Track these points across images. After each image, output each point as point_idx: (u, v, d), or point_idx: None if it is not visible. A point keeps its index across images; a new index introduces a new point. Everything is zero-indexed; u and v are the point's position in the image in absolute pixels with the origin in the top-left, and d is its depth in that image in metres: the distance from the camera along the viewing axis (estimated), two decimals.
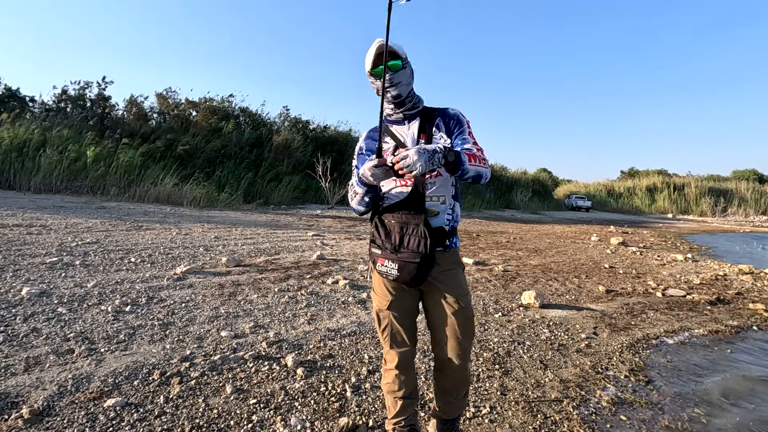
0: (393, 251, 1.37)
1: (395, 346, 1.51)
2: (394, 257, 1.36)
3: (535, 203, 24.56)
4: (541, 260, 6.54)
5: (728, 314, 4.02)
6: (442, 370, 1.53)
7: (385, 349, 1.55)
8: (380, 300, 1.50)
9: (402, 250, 1.36)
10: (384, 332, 1.51)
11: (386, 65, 1.33)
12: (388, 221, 1.43)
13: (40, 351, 2.22)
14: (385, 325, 1.50)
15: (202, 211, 9.62)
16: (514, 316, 3.50)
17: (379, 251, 1.41)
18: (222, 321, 2.89)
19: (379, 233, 1.43)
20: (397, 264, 1.35)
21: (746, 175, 39.64)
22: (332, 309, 3.35)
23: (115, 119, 14.28)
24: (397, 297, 1.48)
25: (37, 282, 3.33)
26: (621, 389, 2.35)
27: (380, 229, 1.43)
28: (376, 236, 1.44)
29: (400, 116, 1.48)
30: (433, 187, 1.42)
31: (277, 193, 13.86)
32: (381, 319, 1.51)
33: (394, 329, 1.50)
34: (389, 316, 1.49)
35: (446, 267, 1.44)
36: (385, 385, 1.56)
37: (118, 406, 1.79)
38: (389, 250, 1.38)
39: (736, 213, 31.04)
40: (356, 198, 1.48)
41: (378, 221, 1.46)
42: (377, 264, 1.41)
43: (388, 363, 1.55)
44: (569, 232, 11.86)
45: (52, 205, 7.69)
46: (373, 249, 1.45)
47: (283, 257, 5.20)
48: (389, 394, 1.56)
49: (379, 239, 1.43)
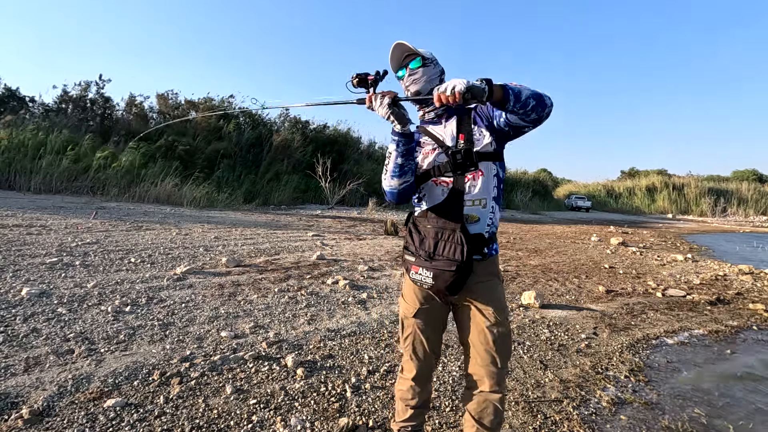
0: (427, 258, 1.29)
1: (415, 358, 1.44)
2: (428, 265, 1.28)
3: (535, 203, 24.55)
4: (541, 260, 6.54)
5: (728, 314, 4.02)
6: (472, 392, 1.37)
7: (404, 357, 1.48)
8: (407, 307, 1.43)
9: (437, 258, 1.27)
10: (406, 341, 1.45)
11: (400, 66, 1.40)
12: (423, 226, 1.35)
13: (40, 351, 2.22)
14: (409, 333, 1.44)
15: (202, 212, 9.62)
16: (514, 317, 3.50)
17: (413, 258, 1.33)
18: (222, 321, 2.89)
19: (413, 239, 1.35)
20: (431, 272, 1.27)
21: (746, 175, 39.63)
22: (332, 309, 3.35)
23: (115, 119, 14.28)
24: (426, 307, 1.40)
25: (37, 282, 3.33)
26: (621, 389, 2.35)
27: (414, 234, 1.36)
28: (410, 242, 1.37)
29: (432, 115, 1.41)
30: (474, 190, 1.30)
31: (277, 194, 13.86)
32: (405, 326, 1.45)
33: (416, 339, 1.43)
34: (414, 324, 1.42)
35: (483, 277, 1.33)
36: (399, 391, 1.51)
37: (118, 406, 1.79)
38: (423, 257, 1.30)
39: (736, 213, 31.04)
40: (391, 159, 1.34)
41: (412, 226, 1.38)
42: (411, 272, 1.33)
43: (405, 372, 1.48)
44: (569, 233, 11.86)
45: (52, 206, 7.69)
46: (406, 256, 1.37)
47: (283, 257, 5.20)
48: (401, 400, 1.50)
49: (413, 245, 1.35)
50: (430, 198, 1.37)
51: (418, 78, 1.37)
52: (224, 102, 16.76)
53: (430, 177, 1.36)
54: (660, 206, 33.05)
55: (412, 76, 1.38)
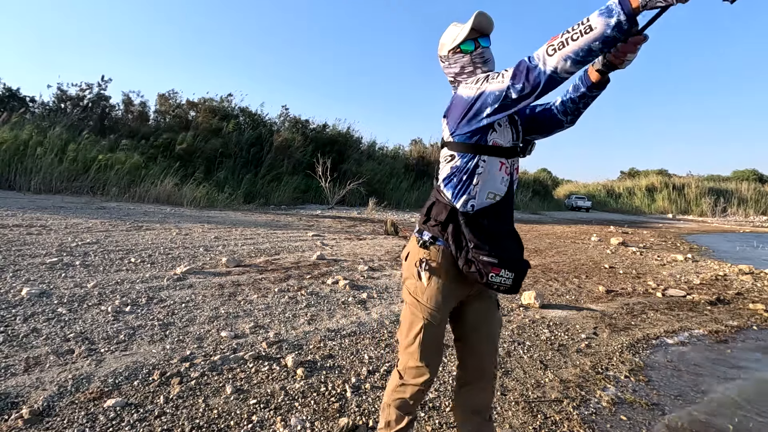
0: (508, 259, 1.23)
1: (431, 363, 1.32)
2: (510, 266, 1.22)
3: (535, 203, 24.55)
4: (541, 260, 6.54)
5: (728, 314, 4.02)
6: (479, 384, 1.39)
7: (412, 363, 1.33)
8: (433, 313, 1.30)
9: (514, 258, 1.25)
10: (424, 347, 1.32)
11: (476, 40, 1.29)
12: (487, 224, 1.26)
13: (40, 351, 2.22)
14: (430, 340, 1.32)
15: (202, 212, 9.62)
16: (514, 317, 3.50)
17: (495, 260, 1.21)
18: (222, 321, 2.89)
19: (482, 240, 1.23)
20: (513, 274, 1.21)
21: (746, 175, 39.63)
22: (332, 309, 3.35)
23: (114, 119, 14.28)
24: (448, 310, 1.34)
25: (37, 282, 3.33)
26: (621, 389, 2.35)
27: (481, 234, 1.24)
28: (480, 244, 1.23)
29: None
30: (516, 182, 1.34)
31: (277, 193, 13.86)
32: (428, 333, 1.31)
33: (436, 345, 1.34)
34: (437, 332, 1.32)
35: None
36: (398, 400, 1.37)
37: (118, 406, 1.79)
38: (504, 258, 1.22)
39: (736, 213, 31.05)
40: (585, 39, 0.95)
41: (474, 225, 1.25)
42: (491, 275, 1.21)
43: (409, 377, 1.35)
44: (569, 233, 11.86)
45: (52, 206, 7.69)
46: (483, 258, 1.21)
47: (283, 257, 5.20)
48: (398, 409, 1.37)
49: (485, 246, 1.22)
50: (491, 185, 1.26)
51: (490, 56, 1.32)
52: (224, 101, 16.77)
53: (499, 156, 1.25)
54: (660, 206, 33.06)
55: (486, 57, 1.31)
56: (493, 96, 1.14)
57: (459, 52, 1.32)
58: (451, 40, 1.33)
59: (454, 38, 1.32)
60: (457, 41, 1.30)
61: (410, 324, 1.34)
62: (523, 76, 1.06)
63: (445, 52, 1.35)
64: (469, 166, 1.25)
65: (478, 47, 1.30)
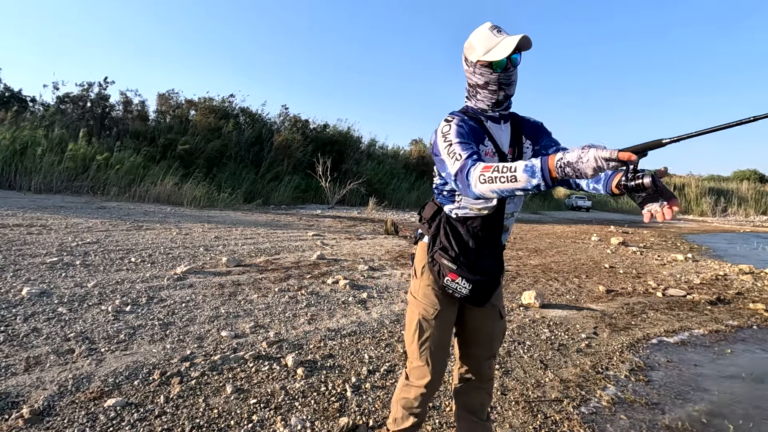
0: (470, 270, 1.24)
1: (431, 363, 1.33)
2: (470, 276, 1.23)
3: (535, 203, 24.55)
4: (542, 260, 6.54)
5: (728, 314, 4.02)
6: (474, 383, 1.42)
7: (415, 363, 1.36)
8: (426, 308, 1.33)
9: (480, 270, 1.25)
10: (423, 345, 1.33)
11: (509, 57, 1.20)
12: (462, 231, 1.28)
13: (40, 351, 2.22)
14: (427, 336, 1.33)
15: (202, 211, 9.62)
16: (515, 316, 3.50)
17: (454, 266, 1.24)
18: (222, 321, 2.89)
19: (451, 243, 1.26)
20: (471, 284, 1.23)
21: (747, 175, 39.61)
22: (332, 309, 3.35)
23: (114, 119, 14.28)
24: (444, 307, 1.33)
25: (37, 282, 3.34)
26: (621, 389, 2.35)
27: (452, 238, 1.27)
28: (447, 246, 1.27)
29: (495, 114, 1.32)
30: (514, 200, 1.32)
31: (278, 193, 13.86)
32: (423, 329, 1.32)
33: (434, 342, 1.33)
34: (433, 326, 1.32)
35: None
36: (402, 399, 1.40)
37: (119, 405, 1.79)
38: (465, 267, 1.24)
39: (736, 213, 31.03)
40: (507, 185, 1.00)
41: (449, 227, 1.29)
42: (447, 278, 1.25)
43: (414, 378, 1.37)
44: (569, 232, 11.86)
45: (53, 205, 7.69)
46: (444, 261, 1.26)
47: (284, 257, 5.20)
48: (404, 408, 1.41)
49: (452, 251, 1.26)
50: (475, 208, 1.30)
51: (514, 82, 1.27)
52: (224, 101, 16.76)
53: None
54: None
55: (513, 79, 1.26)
56: (445, 171, 1.17)
57: (488, 66, 1.23)
58: (484, 51, 1.22)
59: (488, 49, 1.21)
60: (490, 57, 1.20)
61: (410, 321, 1.37)
62: (459, 183, 1.11)
63: (474, 60, 1.25)
64: (451, 186, 1.28)
65: (509, 67, 1.22)
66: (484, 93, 1.28)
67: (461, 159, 1.11)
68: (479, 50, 1.23)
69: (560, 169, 0.93)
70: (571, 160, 0.92)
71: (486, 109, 1.30)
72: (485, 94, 1.27)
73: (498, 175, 1.01)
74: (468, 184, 1.08)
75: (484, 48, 1.22)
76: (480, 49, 1.22)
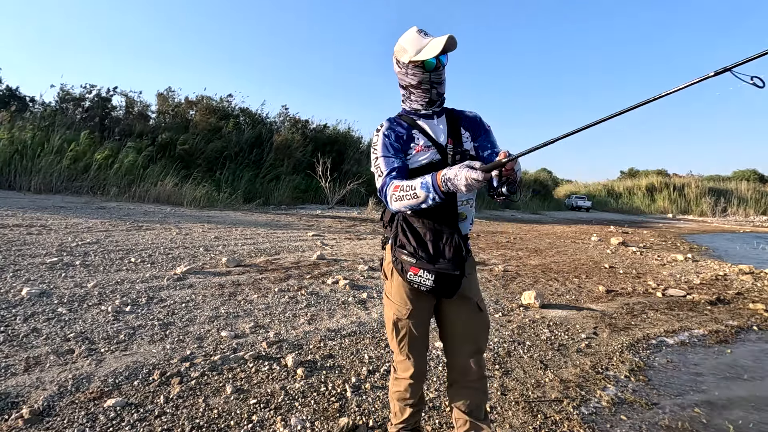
0: (429, 261, 1.28)
1: (412, 356, 1.43)
2: (430, 267, 1.27)
3: (535, 203, 24.55)
4: (541, 260, 6.54)
5: (728, 314, 4.02)
6: (462, 382, 1.43)
7: (398, 358, 1.47)
8: (399, 308, 1.40)
9: (440, 260, 1.28)
10: (401, 342, 1.42)
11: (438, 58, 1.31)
12: (417, 226, 1.33)
13: (40, 351, 2.22)
14: (404, 334, 1.41)
15: (202, 211, 9.62)
16: (514, 316, 3.50)
17: (413, 260, 1.29)
18: (222, 321, 2.89)
19: (409, 239, 1.32)
20: (434, 275, 1.27)
21: (747, 175, 39.61)
22: (332, 309, 3.35)
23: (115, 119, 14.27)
24: (416, 305, 1.39)
25: (37, 282, 3.33)
26: (621, 389, 2.35)
27: (409, 234, 1.32)
28: (405, 242, 1.32)
29: (428, 112, 1.41)
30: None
31: (277, 193, 13.85)
32: (399, 328, 1.41)
33: (412, 338, 1.41)
34: (408, 325, 1.39)
35: (468, 272, 1.39)
36: (395, 392, 1.51)
37: (119, 406, 1.79)
38: (425, 259, 1.28)
39: (736, 213, 31.02)
40: (412, 201, 1.20)
41: (405, 225, 1.35)
42: (409, 273, 1.30)
43: (400, 372, 1.48)
44: (569, 232, 11.86)
45: (52, 205, 7.69)
46: (403, 257, 1.32)
47: (283, 257, 5.20)
48: (399, 401, 1.51)
49: (410, 246, 1.31)
50: None
51: (443, 81, 1.39)
52: (223, 101, 16.76)
53: (425, 173, 1.31)
54: (660, 206, 33.03)
55: (442, 78, 1.37)
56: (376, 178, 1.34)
57: (420, 66, 1.32)
58: (415, 51, 1.31)
59: (418, 50, 1.30)
60: (422, 57, 1.29)
61: (387, 321, 1.46)
62: (382, 198, 1.31)
63: (406, 61, 1.34)
64: None
65: (439, 66, 1.33)
66: (417, 93, 1.37)
67: (382, 176, 1.30)
68: (410, 51, 1.32)
69: (444, 183, 1.12)
70: (450, 177, 1.11)
71: (419, 108, 1.41)
72: (419, 93, 1.37)
73: (404, 194, 1.22)
74: (386, 202, 1.29)
75: (414, 49, 1.31)
76: (411, 50, 1.31)
